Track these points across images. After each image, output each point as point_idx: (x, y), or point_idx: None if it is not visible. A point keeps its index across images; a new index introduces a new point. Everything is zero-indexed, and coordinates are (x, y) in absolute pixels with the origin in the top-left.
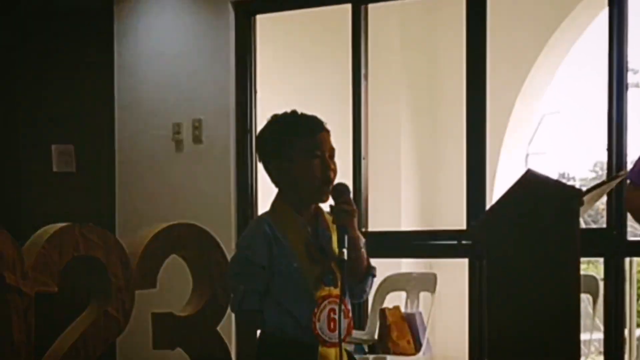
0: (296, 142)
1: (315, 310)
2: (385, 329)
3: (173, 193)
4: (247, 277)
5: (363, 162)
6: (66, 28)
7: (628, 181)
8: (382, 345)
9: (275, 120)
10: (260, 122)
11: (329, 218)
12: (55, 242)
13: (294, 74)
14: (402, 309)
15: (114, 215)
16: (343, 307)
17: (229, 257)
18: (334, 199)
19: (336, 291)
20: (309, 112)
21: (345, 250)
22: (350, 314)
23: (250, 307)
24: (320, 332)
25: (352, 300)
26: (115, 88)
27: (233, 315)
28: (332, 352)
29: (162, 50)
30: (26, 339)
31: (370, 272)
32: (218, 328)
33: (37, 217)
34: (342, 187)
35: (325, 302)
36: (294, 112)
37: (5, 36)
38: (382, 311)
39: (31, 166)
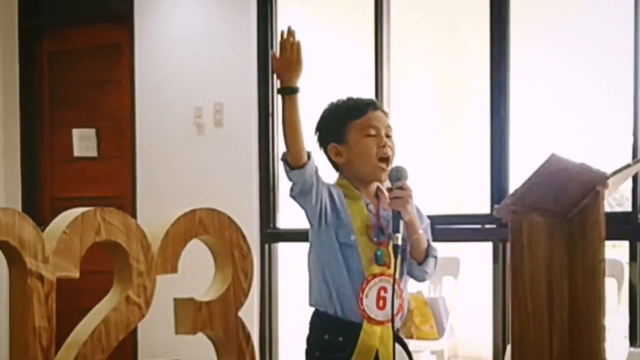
0: (349, 124)
1: (364, 286)
2: (408, 313)
3: (194, 177)
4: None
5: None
6: (87, 11)
7: None
8: (404, 330)
9: (329, 107)
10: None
11: None
12: (76, 227)
13: (316, 57)
14: (425, 294)
15: (135, 200)
16: (396, 287)
17: (250, 243)
18: (390, 182)
19: (389, 271)
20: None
21: (399, 235)
22: (404, 295)
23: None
24: (366, 308)
25: (416, 281)
26: (136, 72)
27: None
28: (377, 329)
29: (183, 34)
30: (47, 324)
31: (431, 253)
32: (240, 313)
33: (58, 201)
34: (398, 170)
35: (376, 279)
36: (348, 98)
37: (26, 22)
38: None
39: (52, 151)
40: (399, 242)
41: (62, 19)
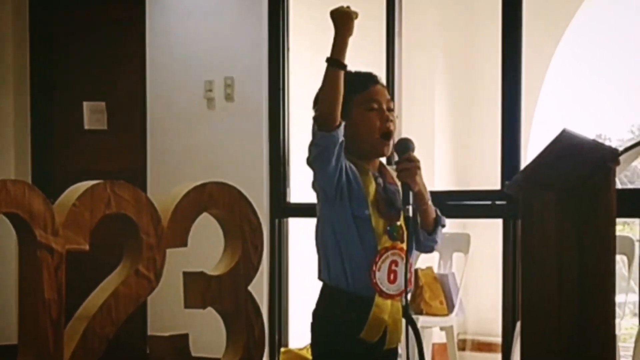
0: (352, 98)
1: (377, 259)
2: (418, 289)
3: (205, 151)
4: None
5: (396, 120)
6: None
7: None
8: (414, 306)
9: None
10: (293, 79)
11: (393, 172)
12: (86, 200)
13: (328, 30)
14: (435, 270)
15: (146, 173)
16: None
17: (260, 216)
18: (397, 155)
19: (401, 245)
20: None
21: (409, 207)
22: (412, 270)
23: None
24: (378, 282)
25: (424, 252)
26: (147, 45)
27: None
28: (388, 303)
29: (194, 8)
30: (57, 297)
31: (440, 222)
32: (250, 287)
33: (68, 174)
34: (404, 142)
35: (388, 252)
36: (347, 71)
37: None
38: (415, 272)
39: (63, 123)
40: (410, 214)
41: None
